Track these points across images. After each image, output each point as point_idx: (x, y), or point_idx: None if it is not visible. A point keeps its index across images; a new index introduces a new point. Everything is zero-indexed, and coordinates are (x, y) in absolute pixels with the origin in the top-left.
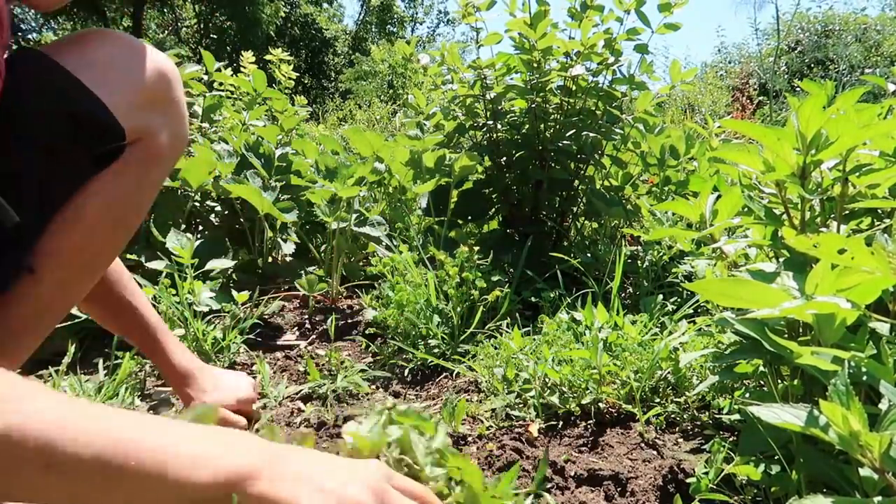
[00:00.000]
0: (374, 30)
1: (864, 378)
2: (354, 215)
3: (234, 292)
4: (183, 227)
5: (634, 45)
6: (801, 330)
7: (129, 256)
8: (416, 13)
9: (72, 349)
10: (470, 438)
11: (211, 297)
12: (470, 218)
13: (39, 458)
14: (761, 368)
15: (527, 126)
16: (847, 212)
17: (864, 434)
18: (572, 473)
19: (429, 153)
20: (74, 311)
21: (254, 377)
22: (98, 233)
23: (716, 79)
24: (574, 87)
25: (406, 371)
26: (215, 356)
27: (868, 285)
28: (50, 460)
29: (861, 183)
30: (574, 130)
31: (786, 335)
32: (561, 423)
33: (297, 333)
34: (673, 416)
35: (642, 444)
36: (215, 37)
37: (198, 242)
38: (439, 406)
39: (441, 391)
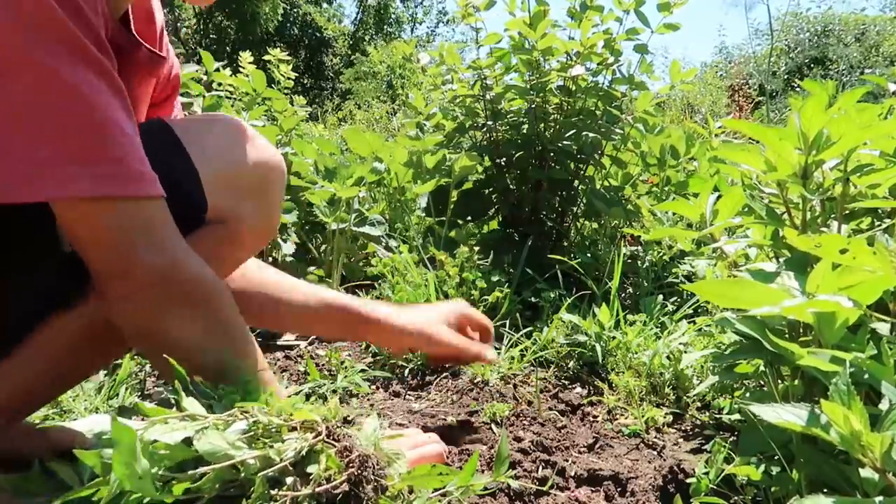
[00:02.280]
0: (371, 30)
1: (865, 378)
2: (354, 215)
3: None
4: None
5: (634, 45)
6: (801, 330)
7: None
8: (416, 13)
9: None
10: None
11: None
12: (470, 218)
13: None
14: (762, 368)
15: (526, 126)
16: (848, 212)
17: (865, 434)
18: (572, 473)
19: (428, 153)
20: None
21: None
22: None
23: (716, 79)
24: (574, 88)
25: (406, 371)
26: None
27: (869, 285)
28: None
29: (862, 183)
30: (574, 130)
31: (786, 335)
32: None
33: (297, 333)
34: (673, 416)
35: (642, 444)
36: (215, 37)
37: None
38: (439, 405)
39: (441, 392)
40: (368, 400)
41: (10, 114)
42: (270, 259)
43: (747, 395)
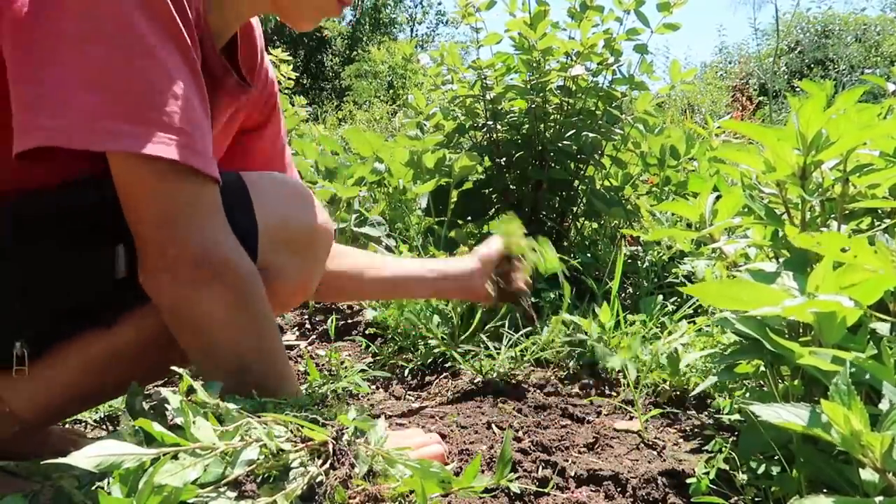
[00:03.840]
0: (368, 32)
1: (865, 378)
2: (354, 215)
3: None
4: None
5: (634, 45)
6: (801, 330)
7: None
8: (415, 13)
9: None
10: None
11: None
12: (470, 218)
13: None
14: (762, 368)
15: (526, 126)
16: (847, 212)
17: (865, 434)
18: (572, 474)
19: (429, 153)
20: None
21: None
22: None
23: (716, 79)
24: (574, 88)
25: (406, 371)
26: None
27: (870, 284)
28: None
29: (861, 183)
30: (574, 130)
31: (786, 335)
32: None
33: (297, 333)
34: (673, 416)
35: (642, 444)
36: None
37: None
38: (439, 404)
39: (441, 392)
40: (368, 400)
41: (98, 67)
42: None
43: (747, 395)
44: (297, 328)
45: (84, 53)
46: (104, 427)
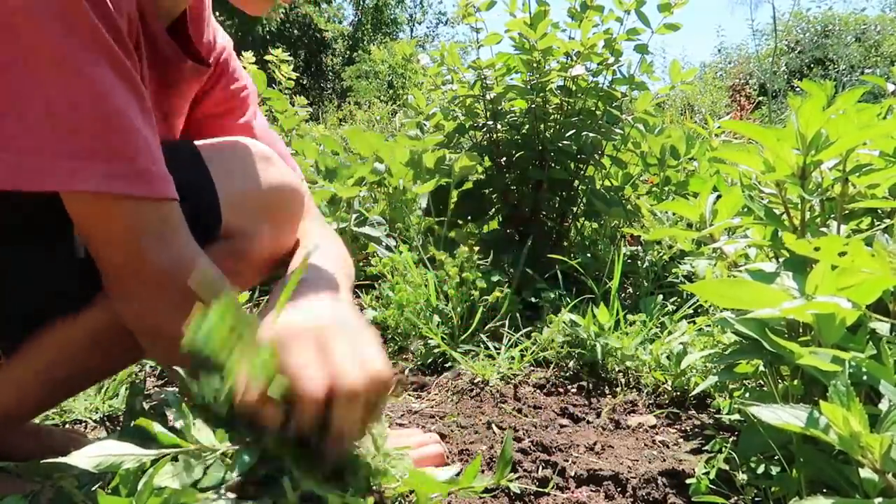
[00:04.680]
0: (369, 33)
1: (865, 378)
2: (354, 215)
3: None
4: None
5: (634, 45)
6: (801, 330)
7: None
8: (415, 13)
9: None
10: None
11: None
12: (470, 218)
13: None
14: (761, 368)
15: (527, 126)
16: (847, 212)
17: (864, 435)
18: (572, 474)
19: (429, 153)
20: None
21: None
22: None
23: (715, 79)
24: (574, 88)
25: (406, 372)
26: None
27: (868, 285)
28: None
29: (861, 183)
30: (574, 131)
31: (786, 335)
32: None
33: None
34: (673, 416)
35: (642, 444)
36: None
37: None
38: (438, 404)
39: (441, 392)
40: None
41: (25, 101)
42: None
43: (747, 395)
44: None
45: (9, 84)
46: (104, 427)
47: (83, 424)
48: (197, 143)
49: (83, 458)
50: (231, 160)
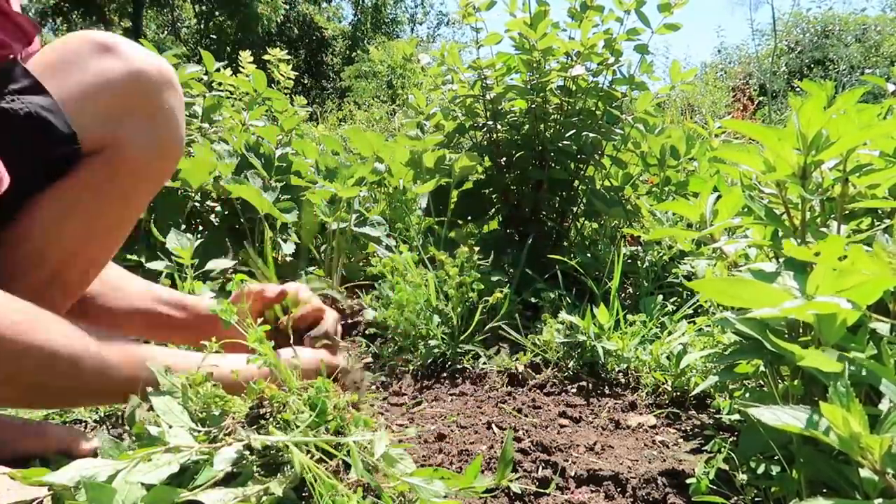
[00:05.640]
0: (369, 32)
1: (865, 378)
2: (354, 215)
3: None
4: (183, 227)
5: (634, 45)
6: (801, 330)
7: (128, 257)
8: (415, 14)
9: None
10: None
11: (211, 298)
12: (470, 218)
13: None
14: (761, 369)
15: (527, 126)
16: (847, 212)
17: (864, 436)
18: (572, 474)
19: (429, 153)
20: None
21: None
22: (64, 245)
23: (716, 79)
24: (574, 88)
25: (406, 372)
26: None
27: (869, 286)
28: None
29: (861, 183)
30: (574, 131)
31: (786, 335)
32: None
33: None
34: (673, 416)
35: (642, 445)
36: (215, 37)
37: (198, 242)
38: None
39: (441, 392)
40: (366, 400)
41: None
42: (270, 259)
43: (747, 395)
44: None
45: None
46: (105, 426)
47: (83, 424)
48: (19, 59)
49: (60, 476)
50: (65, 64)
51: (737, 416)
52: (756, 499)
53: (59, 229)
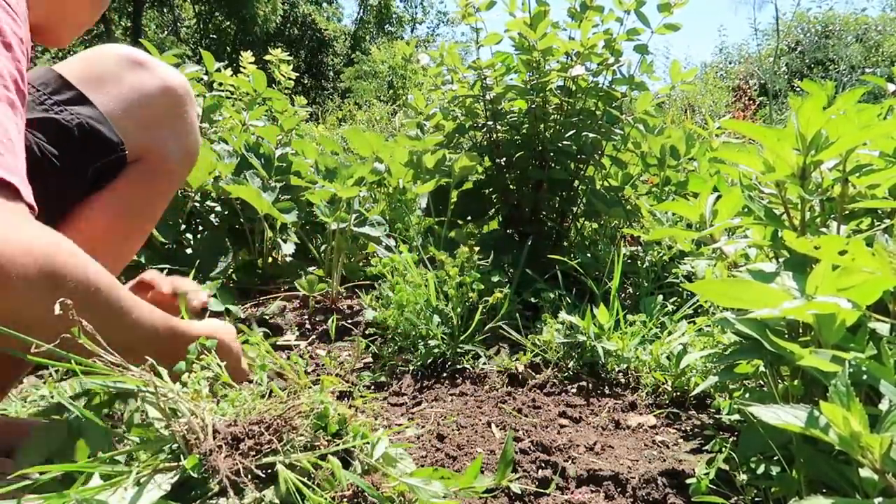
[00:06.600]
0: (372, 30)
1: (865, 378)
2: (354, 215)
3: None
4: (183, 227)
5: (634, 45)
6: (801, 330)
7: None
8: (416, 13)
9: None
10: None
11: (211, 298)
12: (470, 218)
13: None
14: (761, 369)
15: (526, 126)
16: (847, 212)
17: (864, 435)
18: (572, 474)
19: (429, 153)
20: None
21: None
22: (110, 243)
23: (716, 79)
24: (574, 88)
25: (406, 372)
26: None
27: (869, 285)
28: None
29: (861, 183)
30: (574, 131)
31: (786, 336)
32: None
33: (297, 333)
34: (673, 416)
35: (642, 444)
36: (215, 37)
37: (198, 243)
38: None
39: (441, 392)
40: (366, 401)
41: None
42: (271, 259)
43: (747, 395)
44: (297, 328)
45: None
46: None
47: None
48: (63, 73)
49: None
50: (105, 79)
51: (737, 416)
52: (756, 499)
53: (111, 230)
